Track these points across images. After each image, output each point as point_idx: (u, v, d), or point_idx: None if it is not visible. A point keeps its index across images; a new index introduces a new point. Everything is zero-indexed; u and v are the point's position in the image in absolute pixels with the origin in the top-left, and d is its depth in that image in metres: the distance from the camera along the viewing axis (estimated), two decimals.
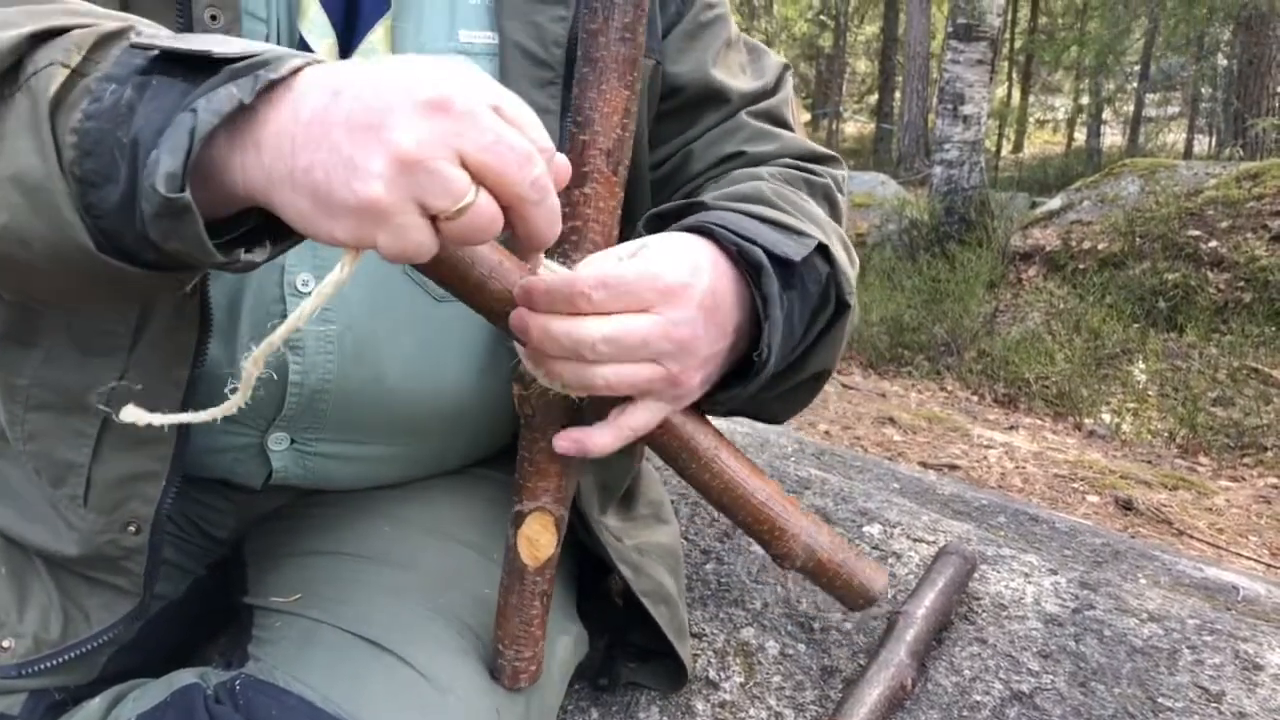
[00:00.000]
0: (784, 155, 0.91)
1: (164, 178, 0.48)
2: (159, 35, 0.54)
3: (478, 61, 0.80)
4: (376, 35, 0.76)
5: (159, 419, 0.58)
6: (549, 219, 0.53)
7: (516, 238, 0.54)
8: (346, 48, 0.76)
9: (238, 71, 0.50)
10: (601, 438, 0.68)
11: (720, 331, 0.68)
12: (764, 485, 0.77)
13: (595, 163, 0.66)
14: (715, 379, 0.72)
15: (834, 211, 0.89)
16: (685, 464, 0.75)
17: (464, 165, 0.49)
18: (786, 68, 0.99)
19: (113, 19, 0.57)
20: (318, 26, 0.74)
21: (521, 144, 0.50)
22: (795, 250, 0.72)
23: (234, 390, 0.57)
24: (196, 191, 0.49)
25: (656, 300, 0.63)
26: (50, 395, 0.75)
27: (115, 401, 0.72)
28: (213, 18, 0.69)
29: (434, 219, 0.49)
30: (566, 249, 0.67)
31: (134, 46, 0.52)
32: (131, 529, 0.77)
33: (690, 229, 0.71)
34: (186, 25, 0.69)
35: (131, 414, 0.57)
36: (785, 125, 0.94)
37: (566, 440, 0.68)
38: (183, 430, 0.75)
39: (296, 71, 0.51)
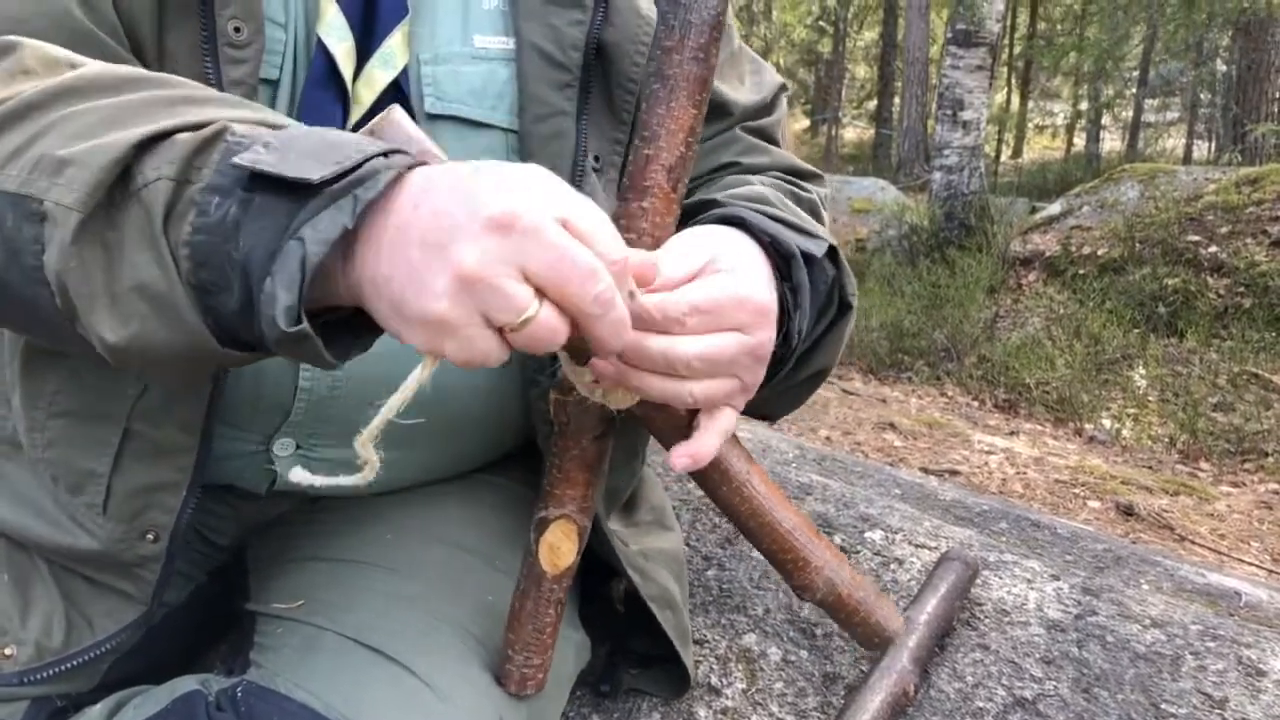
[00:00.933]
0: (774, 169, 0.93)
1: (283, 313, 0.51)
2: (253, 140, 0.55)
3: (494, 67, 0.80)
4: (395, 40, 0.76)
5: (320, 481, 0.61)
6: (613, 330, 0.54)
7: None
8: (365, 51, 0.76)
9: (337, 194, 0.52)
10: (707, 447, 0.69)
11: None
12: (791, 515, 0.77)
13: (656, 178, 0.66)
14: None
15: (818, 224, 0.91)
16: (716, 485, 0.75)
17: (527, 280, 0.51)
18: (783, 88, 1.01)
19: (201, 104, 0.59)
20: (336, 30, 0.75)
21: (585, 260, 0.51)
22: (815, 247, 0.74)
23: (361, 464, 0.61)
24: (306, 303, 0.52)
25: (747, 322, 0.66)
26: (74, 403, 0.75)
27: (139, 412, 0.73)
28: (236, 30, 0.70)
29: (500, 330, 0.52)
30: None
31: (235, 165, 0.53)
32: (150, 537, 0.77)
33: (723, 220, 0.73)
34: (210, 36, 0.69)
35: (299, 475, 0.60)
36: (776, 143, 0.97)
37: (685, 458, 0.69)
38: (204, 441, 0.75)
39: (391, 185, 0.53)
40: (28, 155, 0.56)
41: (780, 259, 0.72)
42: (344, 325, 0.58)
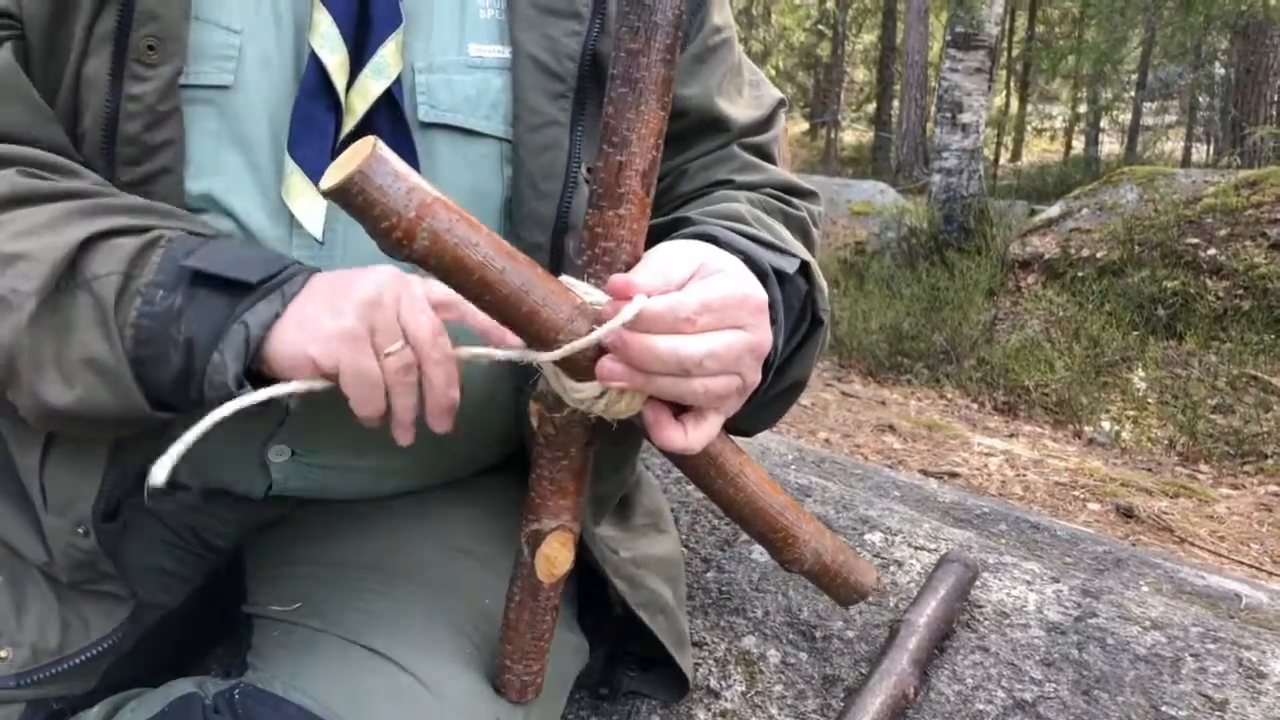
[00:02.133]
0: (768, 186, 0.93)
1: (233, 378, 0.66)
2: (186, 246, 0.69)
3: (489, 76, 0.80)
4: (388, 50, 0.76)
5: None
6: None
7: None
8: (358, 62, 0.75)
9: (268, 290, 0.68)
10: (697, 440, 0.69)
11: None
12: (779, 496, 0.78)
13: (631, 184, 0.65)
14: None
15: (807, 244, 0.92)
16: (713, 480, 0.75)
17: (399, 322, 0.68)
18: (782, 103, 1.01)
19: (139, 212, 0.70)
20: (329, 41, 0.74)
21: (432, 321, 0.70)
22: (787, 264, 0.75)
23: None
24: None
25: (749, 320, 0.67)
26: (7, 403, 0.76)
27: None
28: (150, 48, 0.71)
29: (378, 356, 0.67)
30: (599, 269, 0.66)
31: (183, 266, 0.67)
32: (80, 530, 0.77)
33: (696, 236, 0.73)
34: (121, 55, 0.71)
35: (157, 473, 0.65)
36: (772, 161, 0.97)
37: (674, 436, 0.69)
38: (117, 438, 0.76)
39: (306, 282, 0.69)
40: None
41: (755, 275, 0.72)
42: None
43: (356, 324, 0.66)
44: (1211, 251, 5.29)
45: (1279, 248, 5.10)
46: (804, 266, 0.78)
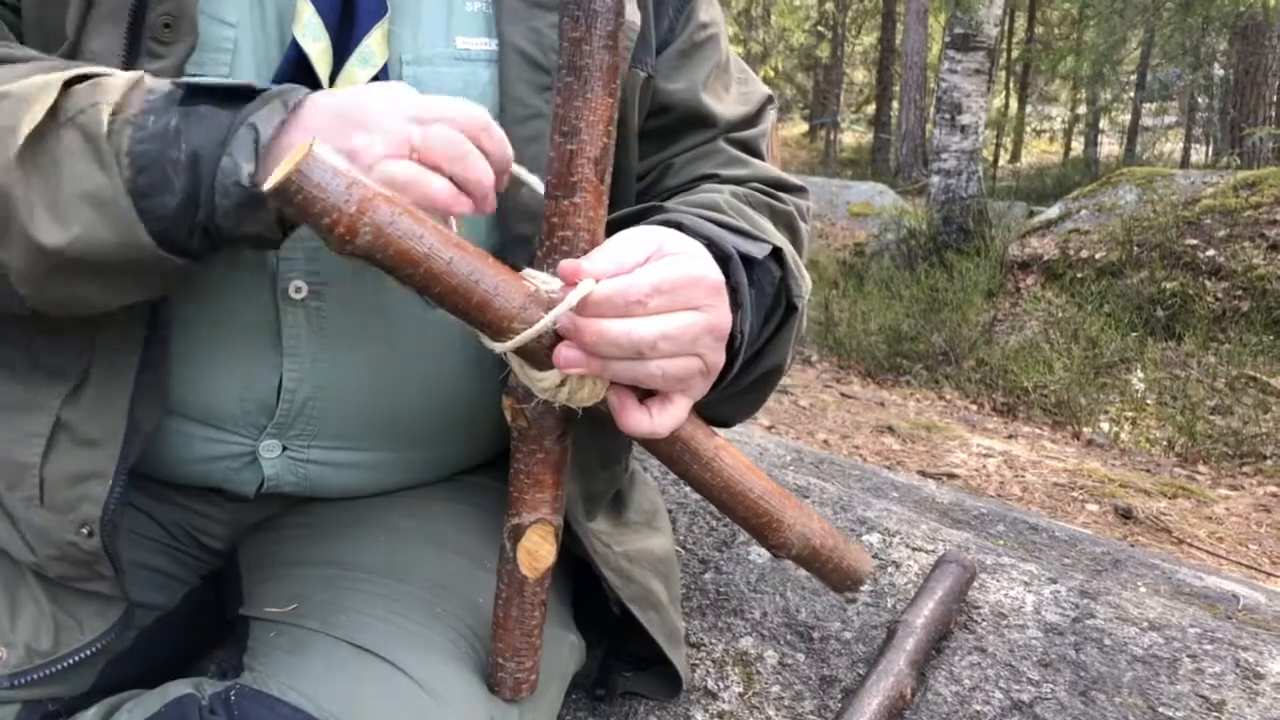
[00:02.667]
0: (754, 181, 0.93)
1: (247, 176, 0.62)
2: (175, 87, 0.66)
3: (475, 68, 0.80)
4: (374, 39, 0.76)
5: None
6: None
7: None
8: (342, 52, 0.76)
9: (269, 98, 0.65)
10: (663, 424, 0.69)
11: None
12: (759, 480, 0.78)
13: (584, 172, 0.66)
14: None
15: (794, 238, 0.92)
16: (688, 465, 0.75)
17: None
18: (770, 99, 1.01)
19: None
20: (311, 30, 0.75)
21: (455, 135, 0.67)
22: (755, 249, 0.75)
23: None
24: None
25: (703, 301, 0.67)
26: (7, 396, 0.76)
27: (71, 403, 0.75)
28: (165, 25, 0.71)
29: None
30: (558, 259, 0.66)
31: (177, 84, 0.65)
32: (85, 530, 0.77)
33: (662, 223, 0.73)
34: (137, 32, 0.71)
35: None
36: (759, 156, 0.97)
37: (639, 419, 0.69)
38: (130, 432, 0.76)
39: (306, 96, 0.66)
40: None
41: (719, 259, 0.72)
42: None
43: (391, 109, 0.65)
44: (1210, 252, 5.29)
45: (1278, 249, 5.10)
46: (777, 252, 0.78)
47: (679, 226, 0.73)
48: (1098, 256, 5.71)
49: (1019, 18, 16.99)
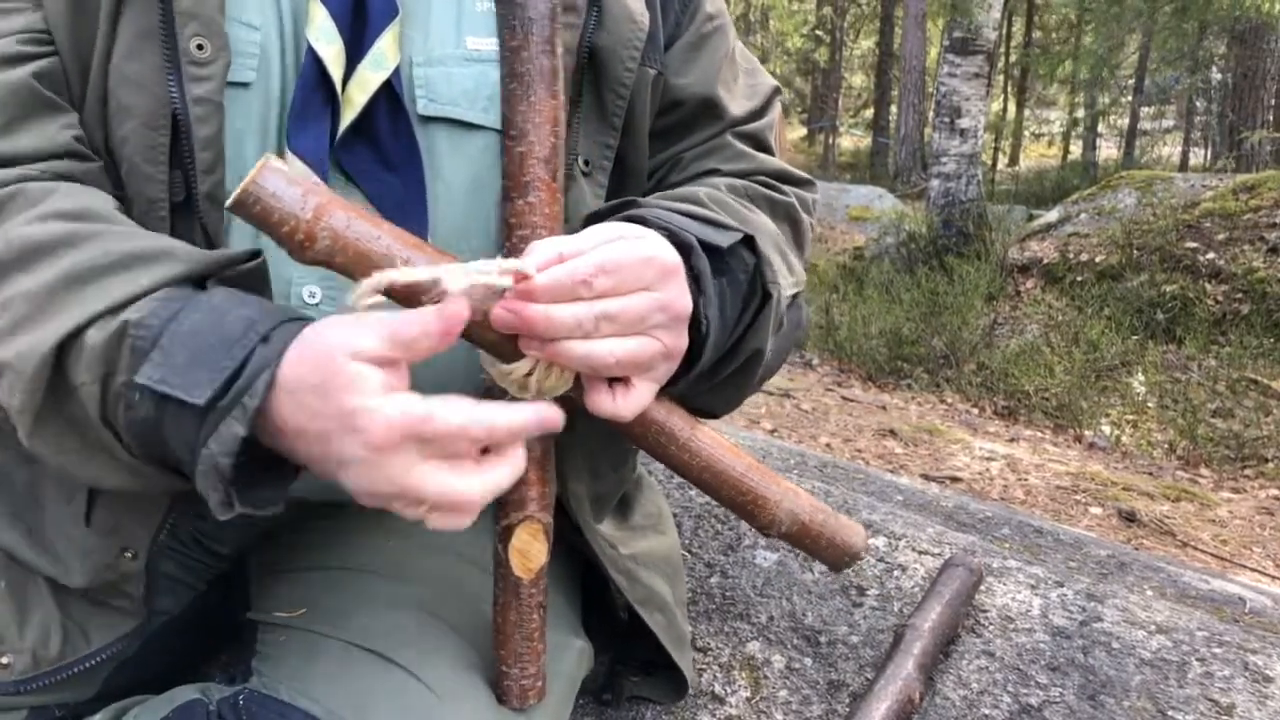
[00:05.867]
0: (759, 174, 0.93)
1: (218, 506, 0.60)
2: (150, 333, 0.61)
3: (486, 69, 0.80)
4: (385, 42, 0.76)
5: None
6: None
7: None
8: (355, 53, 0.76)
9: (225, 410, 0.59)
10: (626, 406, 0.70)
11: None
12: (741, 459, 0.78)
13: (535, 171, 0.68)
14: None
15: (796, 230, 0.92)
16: (665, 448, 0.76)
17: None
18: (777, 90, 1.01)
19: (120, 269, 0.64)
20: (324, 33, 0.74)
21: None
22: (721, 238, 0.74)
23: None
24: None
25: (654, 280, 0.67)
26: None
27: None
28: (199, 47, 0.71)
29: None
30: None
31: (130, 384, 0.61)
32: (129, 554, 0.77)
33: (626, 219, 0.73)
34: (173, 56, 0.70)
35: None
36: (767, 148, 0.96)
37: (603, 400, 0.69)
38: None
39: (270, 385, 0.59)
40: None
41: (681, 249, 0.71)
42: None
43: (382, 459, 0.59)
44: (1210, 256, 5.29)
45: (1277, 252, 5.11)
46: (750, 240, 0.77)
47: (643, 221, 0.73)
48: (1097, 260, 5.72)
49: (1017, 22, 17.02)
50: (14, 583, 0.81)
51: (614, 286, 0.65)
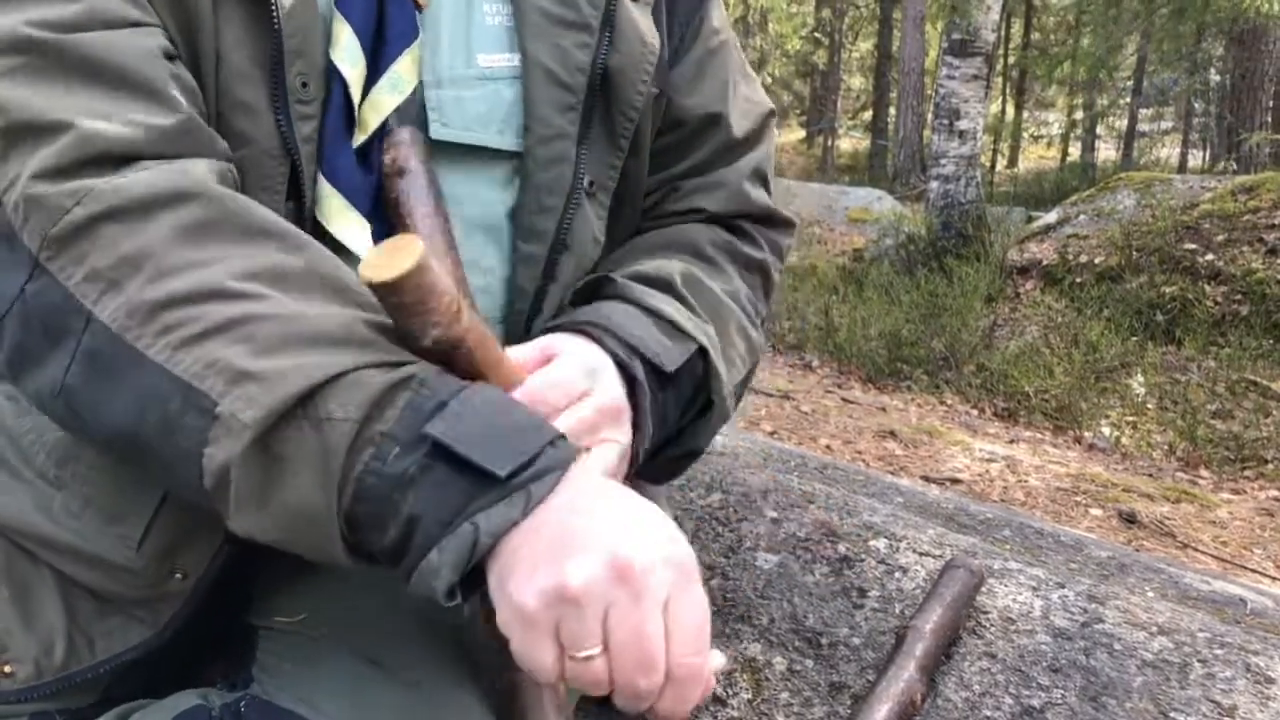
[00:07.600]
0: (744, 217, 0.94)
1: (444, 586, 0.55)
2: (436, 393, 0.58)
3: (499, 87, 0.79)
4: (404, 64, 0.75)
5: None
6: (630, 705, 0.58)
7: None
8: (373, 74, 0.75)
9: (513, 488, 0.56)
10: None
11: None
12: None
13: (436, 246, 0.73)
14: None
15: (766, 282, 0.94)
16: None
17: (604, 625, 0.55)
18: (772, 113, 1.00)
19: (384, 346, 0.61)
20: (349, 54, 0.74)
21: (652, 651, 0.55)
22: (672, 359, 0.77)
23: None
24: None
25: (605, 422, 0.72)
26: None
27: None
28: (304, 84, 0.71)
29: (561, 649, 0.56)
30: None
31: (424, 434, 0.56)
32: (178, 576, 0.76)
33: (584, 333, 0.76)
34: (281, 93, 0.71)
35: None
36: (764, 181, 0.96)
37: None
38: None
39: (557, 483, 0.58)
40: (205, 349, 0.58)
41: (626, 380, 0.75)
42: None
43: (540, 609, 0.55)
44: (1209, 257, 5.30)
45: (1276, 253, 5.11)
46: (703, 353, 0.80)
47: (604, 330, 0.76)
48: (1097, 261, 5.72)
49: (1015, 24, 17.03)
50: (19, 586, 0.81)
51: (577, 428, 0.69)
